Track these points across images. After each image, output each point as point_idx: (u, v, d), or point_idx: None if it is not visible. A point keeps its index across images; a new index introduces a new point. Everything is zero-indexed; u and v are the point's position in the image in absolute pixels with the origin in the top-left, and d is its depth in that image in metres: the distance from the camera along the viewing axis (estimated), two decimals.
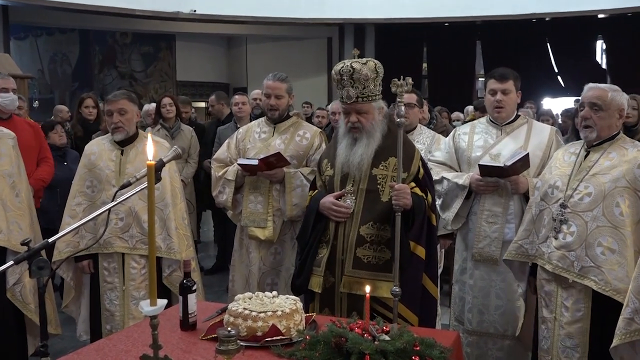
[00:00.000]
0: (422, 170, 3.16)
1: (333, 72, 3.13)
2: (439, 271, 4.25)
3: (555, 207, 3.04)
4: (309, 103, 11.70)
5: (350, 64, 3.04)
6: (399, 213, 2.85)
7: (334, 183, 3.21)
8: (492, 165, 3.59)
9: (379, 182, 3.11)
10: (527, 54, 14.31)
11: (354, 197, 3.13)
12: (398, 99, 2.86)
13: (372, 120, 3.10)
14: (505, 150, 3.73)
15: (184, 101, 7.62)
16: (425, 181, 3.16)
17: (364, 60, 3.07)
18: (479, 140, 3.86)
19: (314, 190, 3.40)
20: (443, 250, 4.35)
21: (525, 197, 3.63)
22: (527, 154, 3.52)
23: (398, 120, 2.84)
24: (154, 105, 7.21)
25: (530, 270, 3.32)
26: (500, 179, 3.63)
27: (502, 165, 3.55)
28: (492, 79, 3.77)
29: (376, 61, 3.09)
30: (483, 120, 3.99)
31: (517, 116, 3.85)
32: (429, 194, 3.13)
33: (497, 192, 3.69)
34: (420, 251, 3.05)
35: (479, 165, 3.62)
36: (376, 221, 3.06)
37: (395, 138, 2.87)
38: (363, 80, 3.03)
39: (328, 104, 9.47)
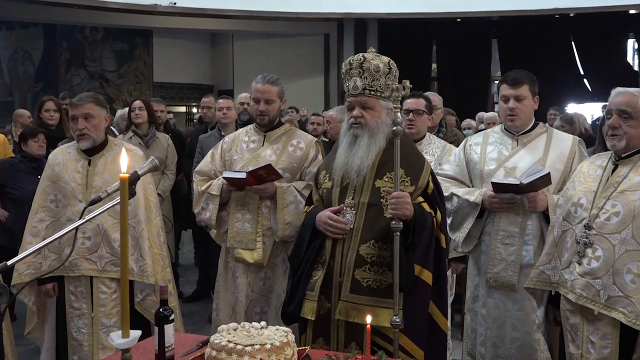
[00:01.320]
0: (431, 185, 3.18)
1: (343, 63, 3.21)
2: (450, 299, 4.29)
3: (579, 228, 3.03)
4: (294, 108, 11.61)
5: (363, 54, 3.13)
6: (398, 233, 2.87)
7: (332, 196, 3.24)
8: (506, 184, 3.62)
9: (382, 195, 3.12)
10: (549, 54, 14.42)
11: (353, 212, 3.15)
12: (394, 105, 2.87)
13: (378, 118, 3.15)
14: (522, 163, 3.75)
15: (155, 101, 7.61)
16: (435, 197, 3.18)
17: (377, 54, 3.16)
18: (492, 152, 3.88)
19: (310, 206, 3.42)
20: (455, 275, 4.36)
21: (545, 216, 3.66)
22: (548, 174, 3.54)
23: (394, 128, 2.86)
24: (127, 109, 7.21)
25: (548, 297, 3.31)
26: (517, 196, 3.66)
27: (519, 183, 3.57)
28: (504, 84, 3.80)
29: (392, 60, 3.17)
30: (497, 129, 4.02)
31: (536, 124, 3.88)
32: (438, 211, 3.14)
33: (513, 210, 3.71)
34: (427, 276, 3.05)
35: (492, 183, 3.65)
36: (378, 240, 3.07)
37: (402, 147, 2.91)
38: (373, 72, 3.10)
39: (325, 109, 9.47)
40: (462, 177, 3.98)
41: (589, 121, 9.29)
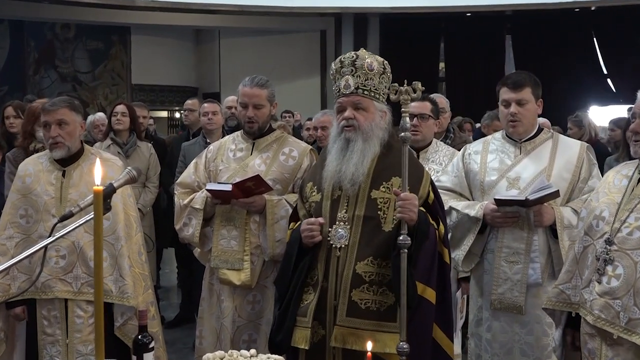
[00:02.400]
0: (432, 195, 3.22)
1: (333, 62, 3.25)
2: (460, 323, 4.37)
3: (599, 244, 3.03)
4: (290, 112, 11.65)
5: (355, 52, 3.19)
6: (405, 250, 2.88)
7: (322, 210, 3.24)
8: (511, 200, 3.66)
9: (379, 207, 3.15)
10: (568, 52, 14.50)
11: (347, 226, 3.16)
12: (402, 109, 2.91)
13: (372, 120, 3.19)
14: (526, 173, 3.80)
15: (137, 106, 7.61)
16: (436, 208, 3.22)
17: (372, 53, 3.21)
18: (493, 161, 3.93)
19: (295, 222, 3.43)
20: (465, 297, 4.39)
21: (552, 230, 3.70)
22: (557, 191, 3.59)
23: (402, 134, 2.90)
24: (101, 115, 7.22)
25: (567, 319, 3.32)
26: (522, 209, 3.69)
27: (524, 199, 3.61)
28: (505, 87, 3.86)
29: (385, 61, 3.22)
30: (498, 135, 4.06)
31: (540, 130, 3.93)
32: (440, 224, 3.17)
33: (518, 225, 3.75)
34: (430, 294, 3.09)
35: (494, 199, 3.69)
36: (377, 256, 3.09)
37: (399, 154, 2.95)
38: (367, 70, 3.15)
39: None
40: (461, 189, 4.01)
41: (606, 124, 9.25)
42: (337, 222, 3.18)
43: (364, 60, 3.16)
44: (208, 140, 6.24)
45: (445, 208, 3.78)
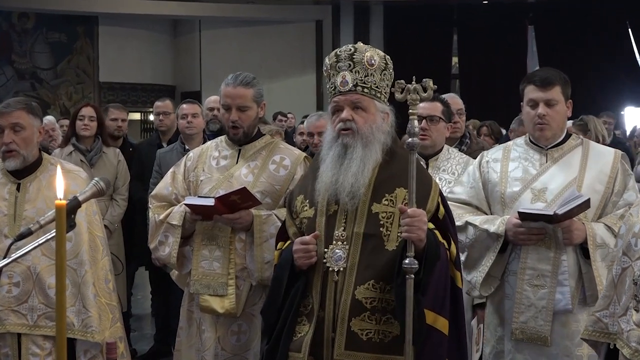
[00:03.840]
0: (442, 209, 3.21)
1: (327, 57, 3.25)
2: (476, 356, 4.32)
3: (637, 265, 3.00)
4: (284, 114, 11.59)
5: (353, 45, 3.19)
6: (412, 275, 2.87)
7: (316, 227, 3.22)
8: (537, 213, 3.64)
9: (381, 222, 3.14)
10: (599, 44, 14.51)
11: (346, 246, 3.15)
12: (410, 110, 2.90)
13: (372, 123, 3.18)
14: (554, 184, 3.79)
15: (115, 107, 7.56)
16: (446, 224, 3.21)
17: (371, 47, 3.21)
18: (516, 170, 3.92)
19: (284, 242, 3.41)
20: (481, 326, 4.35)
21: (583, 250, 3.70)
22: (588, 200, 3.59)
23: (410, 140, 2.90)
24: (50, 119, 7.13)
25: (607, 351, 3.27)
26: (549, 225, 3.68)
27: (552, 213, 3.60)
28: (532, 85, 3.86)
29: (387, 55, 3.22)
30: (520, 141, 4.06)
31: (568, 136, 3.94)
32: (452, 243, 3.17)
33: (544, 243, 3.74)
34: (442, 324, 3.07)
35: (518, 212, 3.68)
36: (379, 279, 3.09)
37: (403, 162, 2.97)
38: (367, 65, 3.15)
39: None
40: (478, 201, 4.02)
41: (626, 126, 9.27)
42: (334, 242, 3.17)
43: (363, 53, 3.16)
44: (187, 147, 6.23)
45: (460, 223, 3.82)
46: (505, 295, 3.87)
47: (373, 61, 3.16)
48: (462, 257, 3.83)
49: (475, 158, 4.52)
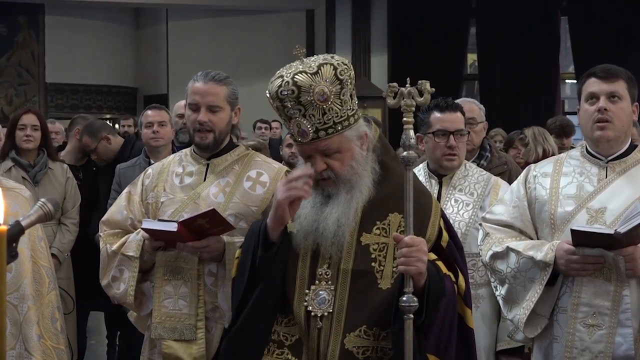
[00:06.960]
0: (445, 234, 3.14)
1: (268, 94, 3.09)
2: None
3: None
4: (266, 122, 11.46)
5: (292, 78, 2.98)
6: (411, 315, 2.80)
7: (294, 266, 3.10)
8: (594, 232, 3.51)
9: (373, 256, 3.05)
10: None
11: (331, 286, 3.06)
12: (405, 118, 2.83)
13: (352, 160, 3.06)
14: (615, 203, 3.65)
15: (100, 127, 7.07)
16: (452, 252, 3.15)
17: (313, 64, 2.99)
18: (569, 187, 3.79)
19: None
20: None
21: None
22: None
23: (405, 154, 2.83)
24: None
25: None
26: (609, 253, 3.52)
27: (612, 233, 3.44)
28: (593, 77, 3.74)
29: (337, 60, 3.00)
30: (575, 152, 3.96)
31: (633, 147, 3.80)
32: (460, 274, 3.10)
33: (603, 274, 3.59)
34: None
35: (571, 230, 3.53)
36: (372, 325, 3.02)
37: (398, 179, 2.90)
38: (319, 103, 2.96)
39: None
40: (522, 223, 3.88)
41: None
42: (316, 282, 3.07)
43: (309, 92, 2.94)
44: (152, 161, 6.00)
45: (501, 249, 3.74)
46: (554, 337, 3.74)
47: (325, 94, 2.94)
48: (503, 291, 3.80)
49: (496, 174, 4.53)
